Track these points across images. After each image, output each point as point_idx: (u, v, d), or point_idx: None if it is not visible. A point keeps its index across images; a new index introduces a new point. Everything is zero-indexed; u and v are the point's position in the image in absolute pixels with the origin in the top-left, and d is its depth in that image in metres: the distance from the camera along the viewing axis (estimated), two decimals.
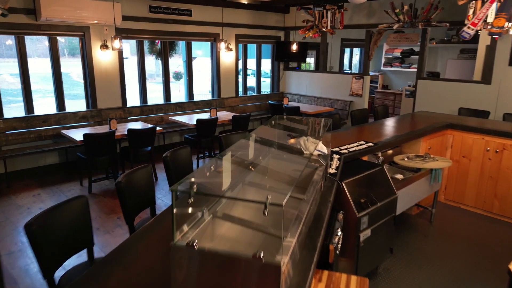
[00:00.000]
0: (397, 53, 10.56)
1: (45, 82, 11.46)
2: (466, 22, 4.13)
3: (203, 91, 10.73)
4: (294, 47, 8.00)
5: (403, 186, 3.47)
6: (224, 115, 6.75)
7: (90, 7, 5.56)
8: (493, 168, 4.29)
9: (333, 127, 4.87)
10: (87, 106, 6.11)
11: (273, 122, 2.85)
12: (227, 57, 7.74)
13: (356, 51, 11.44)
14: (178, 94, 10.44)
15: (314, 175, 2.14)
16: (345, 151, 3.24)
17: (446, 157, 4.65)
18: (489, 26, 3.84)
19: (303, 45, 8.23)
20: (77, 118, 5.85)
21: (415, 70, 10.28)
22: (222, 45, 7.29)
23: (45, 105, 9.44)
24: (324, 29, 6.12)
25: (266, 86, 9.57)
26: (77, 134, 4.97)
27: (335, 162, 2.97)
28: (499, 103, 5.68)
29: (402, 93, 9.69)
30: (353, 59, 11.51)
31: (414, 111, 6.73)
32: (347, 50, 11.05)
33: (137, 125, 5.82)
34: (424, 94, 6.56)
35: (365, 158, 3.48)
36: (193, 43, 7.68)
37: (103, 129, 5.42)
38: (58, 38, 5.79)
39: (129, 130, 5.01)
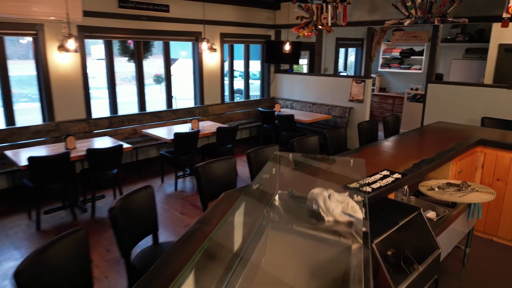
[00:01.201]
0: (396, 53, 9.80)
1: None
2: (505, 15, 3.33)
3: (190, 95, 9.81)
4: (287, 47, 7.15)
5: (440, 230, 2.64)
6: (208, 126, 5.84)
7: (44, 0, 4.60)
8: None
9: (337, 145, 4.02)
10: (43, 119, 5.13)
11: (277, 161, 1.97)
12: (211, 59, 6.83)
13: (351, 51, 10.65)
14: (160, 97, 9.48)
15: (344, 260, 1.28)
16: (367, 188, 2.38)
17: (475, 180, 3.84)
18: None
19: (296, 45, 7.38)
20: (29, 134, 4.87)
21: (416, 71, 9.57)
22: (205, 45, 6.38)
23: None
24: (321, 27, 5.27)
25: (255, 88, 8.68)
26: (28, 154, 3.99)
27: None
28: None
29: (403, 96, 8.92)
30: (348, 60, 10.71)
31: (424, 120, 5.93)
32: (342, 51, 10.25)
33: (104, 141, 4.88)
34: (435, 100, 5.76)
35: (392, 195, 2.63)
36: (173, 43, 6.75)
37: (61, 147, 4.46)
38: (6, 37, 4.81)
39: (89, 150, 4.06)
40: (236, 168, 5.56)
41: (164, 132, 5.44)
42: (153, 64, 10.51)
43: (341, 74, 9.83)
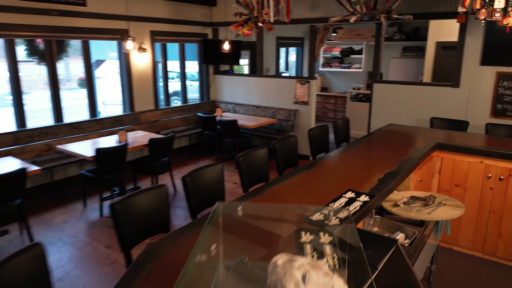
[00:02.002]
0: (336, 52, 9.71)
1: None
2: (460, 10, 3.08)
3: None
4: (226, 46, 6.59)
5: (415, 258, 2.26)
6: (139, 137, 5.09)
7: None
8: (496, 200, 3.31)
9: (288, 157, 3.55)
10: None
11: (219, 216, 1.37)
12: (141, 60, 6.06)
13: (292, 51, 10.38)
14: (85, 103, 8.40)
15: None
16: (335, 220, 1.90)
17: (433, 187, 3.59)
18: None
19: (236, 44, 6.85)
20: None
21: (356, 70, 9.54)
22: (130, 45, 5.58)
23: None
24: (262, 24, 4.80)
25: (194, 90, 8.02)
26: None
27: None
28: (470, 110, 4.86)
29: (345, 96, 8.81)
30: (289, 60, 10.43)
31: (371, 121, 5.72)
32: (282, 50, 9.94)
33: (6, 163, 3.95)
34: (381, 100, 5.58)
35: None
36: (98, 42, 5.88)
37: None
38: None
39: None
40: (172, 191, 4.86)
41: (85, 147, 4.60)
42: (77, 66, 9.36)
43: (283, 74, 9.50)
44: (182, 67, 7.17)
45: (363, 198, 2.18)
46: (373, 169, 2.74)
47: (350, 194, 2.23)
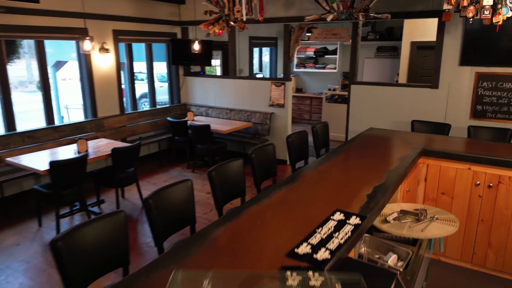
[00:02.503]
0: (310, 53, 9.53)
1: None
2: (446, 7, 2.88)
3: None
4: (196, 46, 6.22)
5: (412, 285, 2.01)
6: (102, 146, 4.65)
7: None
8: (485, 209, 3.14)
9: (265, 168, 3.25)
10: None
11: None
12: (104, 61, 5.59)
13: (266, 51, 10.11)
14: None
15: None
16: (325, 253, 1.60)
17: (419, 195, 3.39)
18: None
19: (207, 44, 6.49)
20: None
21: (331, 70, 9.38)
22: (88, 45, 5.10)
23: None
24: (234, 23, 4.48)
25: (164, 91, 7.60)
26: None
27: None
28: (450, 112, 4.73)
29: (321, 97, 8.63)
30: (262, 60, 10.16)
31: (349, 124, 5.52)
32: (256, 50, 9.65)
33: None
34: (359, 102, 5.38)
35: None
36: (56, 42, 5.36)
37: None
38: None
39: None
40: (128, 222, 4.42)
41: (40, 159, 4.12)
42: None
43: (257, 75, 9.21)
44: (150, 68, 6.74)
45: (354, 220, 1.91)
46: (360, 182, 2.48)
47: (338, 216, 1.95)
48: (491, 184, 3.06)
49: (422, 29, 6.51)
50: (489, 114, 4.50)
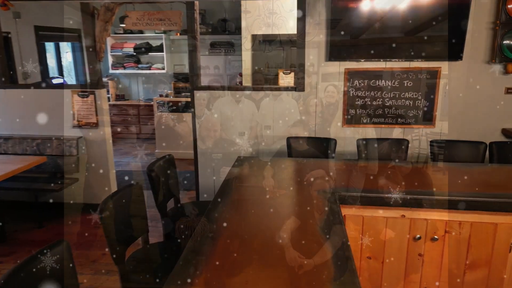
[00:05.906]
0: (129, 49, 7.53)
1: None
2: None
3: None
4: None
5: None
6: None
7: None
8: (428, 274, 2.11)
9: None
10: None
11: None
12: None
13: (67, 47, 7.51)
14: None
15: None
16: None
17: None
18: None
19: None
20: None
21: (159, 71, 7.62)
22: None
23: None
24: None
25: None
26: None
27: None
28: (321, 120, 3.74)
29: (151, 104, 6.82)
30: (64, 60, 7.50)
31: (198, 142, 3.98)
32: (50, 46, 6.99)
33: None
34: (207, 112, 3.90)
35: None
36: None
37: None
38: None
39: None
40: None
41: None
42: None
43: (55, 82, 6.60)
44: None
45: None
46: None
47: None
48: (435, 236, 2.04)
49: (262, 21, 5.49)
50: (363, 119, 3.70)
